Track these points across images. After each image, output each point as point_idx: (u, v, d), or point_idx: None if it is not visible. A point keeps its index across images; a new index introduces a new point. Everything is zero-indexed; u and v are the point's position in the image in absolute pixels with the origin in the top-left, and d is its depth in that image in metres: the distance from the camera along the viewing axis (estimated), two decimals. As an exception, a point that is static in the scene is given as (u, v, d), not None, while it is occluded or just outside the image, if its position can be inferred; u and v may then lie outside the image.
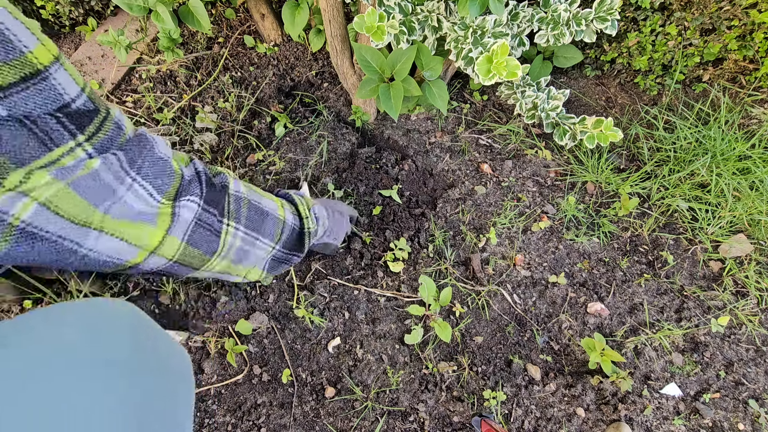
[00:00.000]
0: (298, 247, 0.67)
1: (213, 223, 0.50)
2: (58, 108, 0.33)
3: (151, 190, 0.42)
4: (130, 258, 0.42)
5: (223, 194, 0.52)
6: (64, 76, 0.34)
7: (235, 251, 0.55)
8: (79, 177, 0.35)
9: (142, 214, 0.41)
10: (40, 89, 0.32)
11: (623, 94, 1.24)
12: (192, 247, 0.48)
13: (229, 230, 0.53)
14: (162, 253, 0.44)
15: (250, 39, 1.20)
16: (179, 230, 0.45)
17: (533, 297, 0.90)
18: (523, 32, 0.97)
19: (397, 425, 0.76)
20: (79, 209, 0.35)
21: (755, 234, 0.97)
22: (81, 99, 0.36)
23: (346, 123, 1.13)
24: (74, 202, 0.35)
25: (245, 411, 0.75)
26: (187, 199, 0.46)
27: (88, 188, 0.36)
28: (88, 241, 0.37)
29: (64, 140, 0.34)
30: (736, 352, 0.86)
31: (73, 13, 1.18)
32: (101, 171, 0.37)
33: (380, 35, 0.80)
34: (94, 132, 0.36)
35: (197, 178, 0.49)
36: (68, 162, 0.34)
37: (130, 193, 0.40)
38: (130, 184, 0.40)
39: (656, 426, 0.77)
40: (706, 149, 1.04)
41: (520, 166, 1.07)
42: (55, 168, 0.33)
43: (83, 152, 0.36)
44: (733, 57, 1.10)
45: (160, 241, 0.44)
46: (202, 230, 0.49)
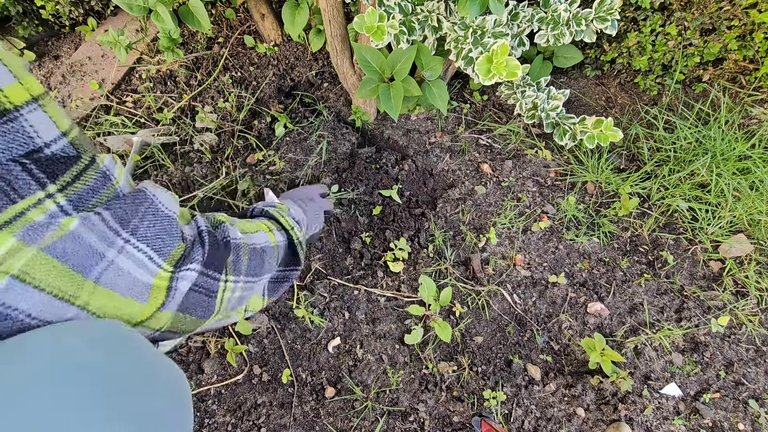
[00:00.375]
0: (294, 261, 0.64)
1: (210, 286, 0.44)
2: (26, 153, 0.29)
3: (151, 253, 0.37)
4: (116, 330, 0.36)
5: (226, 251, 0.47)
6: (41, 118, 0.30)
7: (235, 302, 0.50)
8: (54, 240, 0.29)
9: (136, 283, 0.36)
10: (4, 131, 0.28)
11: (623, 94, 1.24)
12: (185, 313, 0.42)
13: (227, 286, 0.47)
14: (148, 325, 0.38)
15: (250, 39, 1.20)
16: (172, 301, 0.39)
17: (533, 297, 0.90)
18: (523, 32, 0.97)
19: (397, 425, 0.76)
20: (64, 279, 0.30)
21: (755, 234, 0.97)
22: (59, 144, 0.31)
23: (346, 123, 1.13)
24: (56, 270, 0.30)
25: (245, 411, 0.75)
26: (188, 268, 0.40)
27: (68, 253, 0.30)
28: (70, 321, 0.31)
29: (30, 190, 0.29)
30: (736, 352, 0.86)
31: (73, 13, 1.18)
32: (81, 232, 0.31)
33: (380, 35, 0.80)
34: (69, 182, 0.31)
35: (200, 238, 0.44)
36: (36, 217, 0.29)
37: (122, 257, 0.34)
38: (122, 246, 0.34)
39: (656, 426, 0.77)
40: (706, 149, 1.04)
41: (520, 166, 1.07)
42: (20, 227, 0.28)
43: (54, 205, 0.30)
44: (733, 57, 1.10)
45: (149, 317, 0.37)
46: (198, 294, 0.43)
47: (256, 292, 0.57)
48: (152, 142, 0.99)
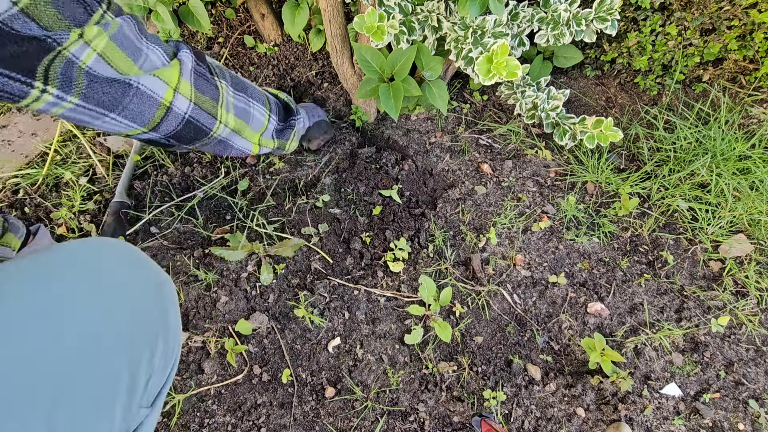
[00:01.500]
0: (291, 112, 0.85)
1: (206, 75, 0.63)
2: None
3: (160, 51, 0.56)
4: (164, 93, 0.56)
5: (204, 56, 0.65)
6: None
7: (234, 107, 0.68)
8: (115, 31, 0.48)
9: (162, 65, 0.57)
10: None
11: (623, 94, 1.24)
12: (199, 92, 0.62)
13: (221, 84, 0.66)
14: (181, 91, 0.58)
15: (250, 39, 1.20)
16: (186, 74, 0.59)
17: (533, 297, 0.90)
18: (523, 32, 0.97)
19: (397, 425, 0.76)
20: (123, 62, 0.50)
21: (755, 234, 0.97)
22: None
23: (346, 123, 1.13)
24: (119, 55, 0.49)
25: (245, 411, 0.75)
26: (183, 51, 0.60)
27: (123, 42, 0.50)
28: (137, 79, 0.53)
29: (96, 7, 0.46)
30: (736, 352, 0.86)
31: (73, 13, 1.18)
32: (125, 27, 0.50)
33: (380, 35, 0.80)
34: (109, 3, 0.48)
35: (179, 45, 0.61)
36: (103, 22, 0.47)
37: (150, 52, 0.54)
38: (147, 44, 0.54)
39: (656, 426, 0.77)
40: (706, 149, 1.04)
41: (520, 166, 1.07)
42: (97, 22, 0.47)
43: (109, 17, 0.48)
44: (733, 57, 1.10)
45: (178, 80, 0.58)
46: (201, 80, 0.62)
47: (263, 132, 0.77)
48: None
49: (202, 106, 0.62)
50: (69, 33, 0.44)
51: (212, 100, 0.64)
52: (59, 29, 0.43)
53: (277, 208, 0.96)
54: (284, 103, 0.85)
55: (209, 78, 0.64)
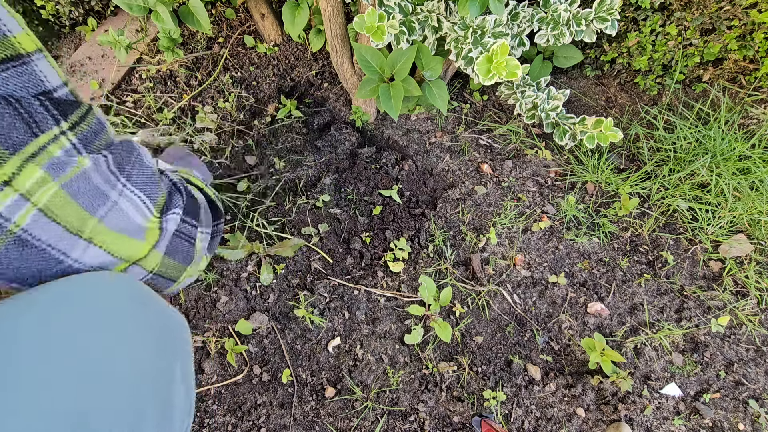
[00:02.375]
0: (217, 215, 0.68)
1: (189, 232, 0.50)
2: (40, 93, 0.33)
3: (145, 199, 0.42)
4: (112, 268, 0.42)
5: (197, 202, 0.52)
6: (46, 66, 0.34)
7: (201, 252, 0.55)
8: (71, 179, 0.34)
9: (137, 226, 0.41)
10: (20, 72, 0.32)
11: (623, 94, 1.24)
12: (169, 257, 0.48)
13: (200, 236, 0.53)
14: (144, 264, 0.44)
15: (250, 39, 1.20)
16: (163, 242, 0.45)
17: (533, 297, 0.90)
18: (523, 32, 0.97)
19: (397, 425, 0.76)
20: (74, 215, 0.35)
21: (755, 234, 0.97)
22: (62, 90, 0.35)
23: (346, 123, 1.13)
24: (70, 207, 0.35)
25: (245, 411, 0.75)
26: (172, 212, 0.46)
27: (81, 192, 0.35)
28: (75, 252, 0.37)
29: (48, 125, 0.33)
30: (736, 352, 0.86)
31: (73, 13, 1.18)
32: (90, 172, 0.36)
33: (380, 35, 0.80)
34: (77, 121, 0.35)
35: (176, 188, 0.49)
36: (55, 152, 0.33)
37: (123, 199, 0.39)
38: (121, 190, 0.39)
39: (656, 426, 0.77)
40: (706, 149, 1.04)
41: (520, 166, 1.07)
42: (45, 160, 0.32)
43: (68, 142, 0.34)
44: (733, 57, 1.10)
45: (146, 255, 0.44)
46: (179, 240, 0.49)
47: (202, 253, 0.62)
48: (152, 142, 0.99)
49: (164, 272, 0.48)
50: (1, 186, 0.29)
51: (179, 265, 0.50)
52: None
53: (277, 208, 0.96)
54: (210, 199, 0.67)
55: (191, 234, 0.50)
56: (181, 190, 0.49)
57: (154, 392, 0.36)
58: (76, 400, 0.30)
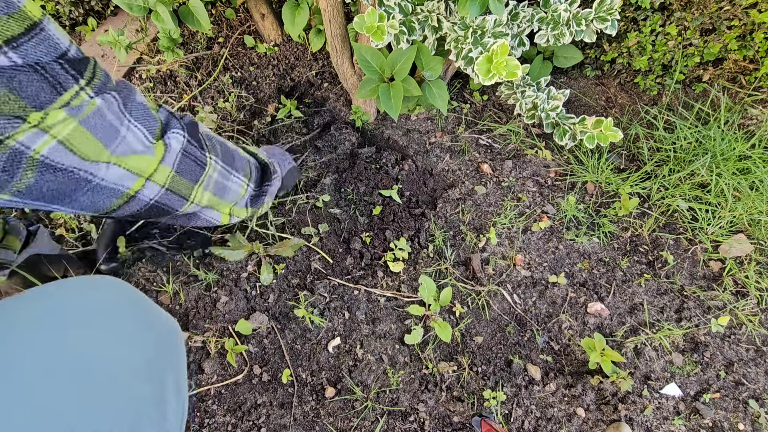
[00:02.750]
0: (266, 178, 0.76)
1: (197, 154, 0.56)
2: (59, 56, 0.36)
3: (144, 131, 0.47)
4: (132, 184, 0.48)
5: (197, 130, 0.58)
6: (56, 28, 0.37)
7: (215, 184, 0.61)
8: (87, 115, 0.39)
9: (142, 150, 0.47)
10: (41, 39, 0.34)
11: (623, 94, 1.24)
12: (179, 176, 0.54)
13: (210, 160, 0.58)
14: (155, 179, 0.50)
15: (250, 39, 1.20)
16: (170, 160, 0.51)
17: (533, 297, 0.90)
18: (523, 32, 0.97)
19: (397, 425, 0.76)
20: (91, 148, 0.40)
21: (755, 234, 0.97)
22: (73, 49, 0.38)
23: (346, 123, 1.13)
24: (88, 141, 0.39)
25: (245, 411, 0.75)
26: (173, 131, 0.51)
27: (97, 127, 0.40)
28: (99, 172, 0.43)
29: (70, 84, 0.37)
30: (736, 352, 0.86)
31: (73, 13, 1.18)
32: (104, 109, 0.41)
33: (380, 35, 0.80)
34: (91, 77, 0.39)
35: (173, 116, 0.54)
36: (76, 104, 0.38)
37: (129, 133, 0.45)
38: (128, 125, 0.44)
39: (656, 426, 0.77)
40: (706, 149, 1.04)
41: (520, 166, 1.07)
42: (67, 108, 0.37)
43: (86, 95, 0.39)
44: (733, 57, 1.10)
45: (155, 168, 0.49)
46: (188, 160, 0.54)
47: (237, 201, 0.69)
48: None
49: (176, 189, 0.54)
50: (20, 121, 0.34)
51: (191, 182, 0.56)
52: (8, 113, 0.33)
53: (277, 208, 0.96)
54: (262, 164, 0.77)
55: (198, 156, 0.56)
56: (177, 118, 0.54)
57: (151, 392, 0.37)
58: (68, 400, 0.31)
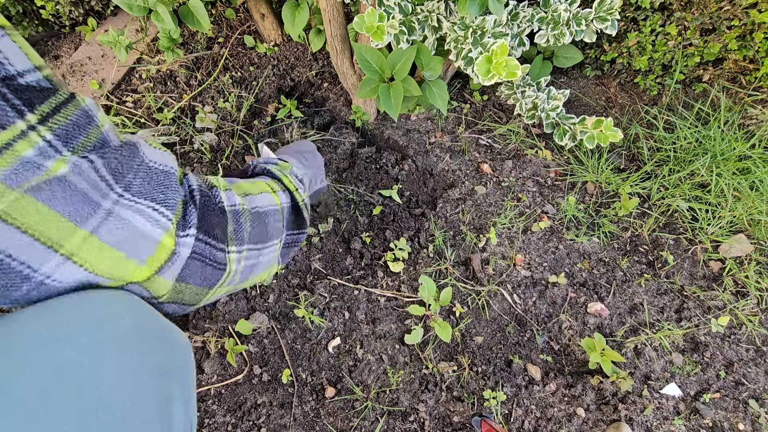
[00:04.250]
0: (300, 223, 0.61)
1: (213, 255, 0.41)
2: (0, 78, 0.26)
3: (155, 205, 0.34)
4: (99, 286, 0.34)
5: (222, 217, 0.44)
6: (10, 45, 0.27)
7: (242, 273, 0.48)
8: (40, 183, 0.27)
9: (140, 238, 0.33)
10: None
11: (623, 94, 1.24)
12: (184, 282, 0.39)
13: (231, 257, 0.44)
14: (149, 287, 0.36)
15: (250, 39, 1.20)
16: (172, 268, 0.37)
17: (533, 297, 0.90)
18: (523, 32, 0.97)
19: (397, 425, 0.76)
20: (50, 225, 0.28)
21: (755, 234, 0.97)
22: (32, 76, 0.28)
23: (346, 123, 1.13)
24: (41, 214, 0.27)
25: (245, 411, 0.75)
26: (186, 234, 0.38)
27: (57, 198, 0.28)
28: (45, 266, 0.29)
29: (9, 119, 0.25)
30: (736, 352, 0.86)
31: (73, 13, 1.18)
32: (71, 178, 0.28)
33: (380, 35, 0.80)
34: (49, 113, 0.28)
35: (191, 199, 0.40)
36: (24, 151, 0.26)
37: (121, 208, 0.32)
38: (116, 199, 0.32)
39: (656, 426, 0.77)
40: (706, 149, 1.04)
41: (520, 166, 1.07)
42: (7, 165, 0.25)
43: (40, 139, 0.27)
44: (733, 57, 1.10)
45: (145, 279, 0.35)
46: (198, 263, 0.40)
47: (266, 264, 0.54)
48: (152, 142, 0.99)
49: (177, 299, 0.41)
50: None
51: (199, 288, 0.42)
52: None
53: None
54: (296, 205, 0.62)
55: (214, 258, 0.42)
56: (196, 201, 0.41)
57: (158, 416, 0.31)
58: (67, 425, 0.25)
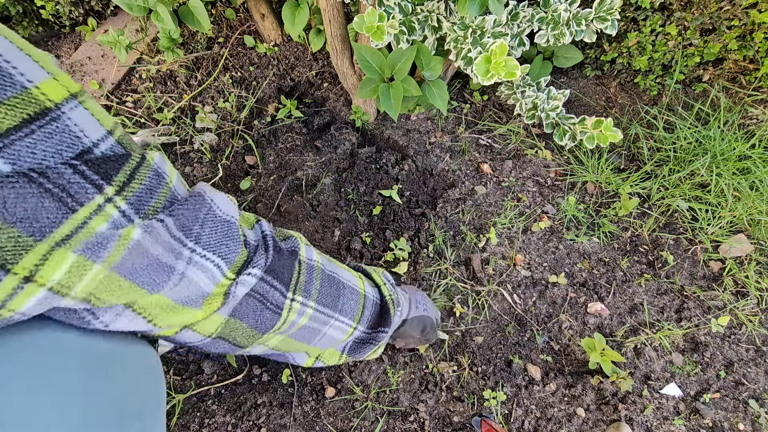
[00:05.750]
0: (384, 322, 0.58)
1: (271, 296, 0.41)
2: (77, 155, 0.26)
3: (218, 260, 0.34)
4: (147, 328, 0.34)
5: (292, 261, 0.44)
6: (83, 116, 0.27)
7: (299, 329, 0.47)
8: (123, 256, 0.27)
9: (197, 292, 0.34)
10: (48, 132, 0.24)
11: (623, 94, 1.24)
12: (236, 319, 0.39)
13: (293, 306, 0.44)
14: (199, 329, 0.37)
15: (250, 39, 1.20)
16: (228, 306, 0.37)
17: (533, 297, 0.90)
18: (523, 32, 0.97)
19: (397, 425, 0.76)
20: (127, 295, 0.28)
21: (755, 234, 0.97)
22: (107, 142, 0.28)
23: (346, 123, 1.13)
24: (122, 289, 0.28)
25: (245, 411, 0.75)
26: (248, 272, 0.37)
27: (137, 269, 0.28)
28: (106, 316, 0.30)
29: (89, 196, 0.25)
30: (736, 352, 0.86)
31: (73, 13, 1.18)
32: (145, 243, 0.28)
33: (380, 35, 0.80)
34: (125, 182, 0.27)
35: (263, 242, 0.41)
36: (99, 226, 0.25)
37: (192, 268, 0.32)
38: (189, 257, 0.32)
39: (656, 426, 0.77)
40: (706, 149, 1.04)
41: (520, 166, 1.07)
42: (82, 240, 0.25)
43: (115, 210, 0.27)
44: (733, 57, 1.10)
45: (200, 320, 0.36)
46: (253, 301, 0.40)
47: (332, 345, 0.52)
48: (152, 142, 0.99)
49: (229, 337, 0.40)
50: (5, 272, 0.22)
51: (252, 330, 0.41)
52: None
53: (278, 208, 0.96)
54: (384, 301, 0.59)
55: (272, 298, 0.41)
56: (269, 245, 0.41)
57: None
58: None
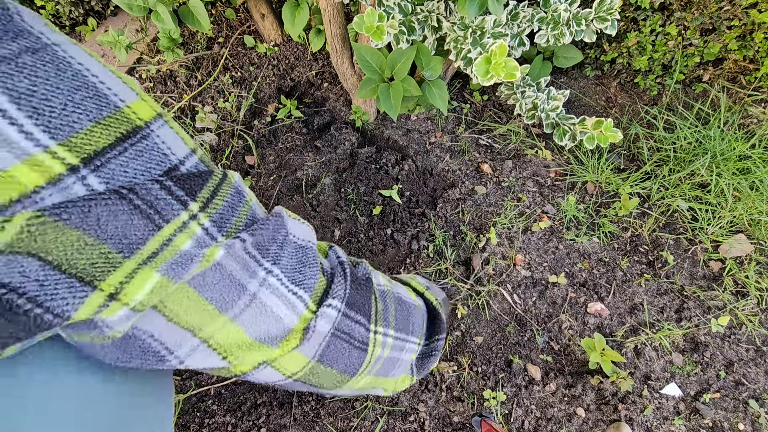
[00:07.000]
0: (436, 329, 0.57)
1: (357, 333, 0.38)
2: (165, 172, 0.26)
3: (297, 290, 0.32)
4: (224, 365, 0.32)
5: (368, 290, 0.41)
6: (170, 133, 0.27)
7: (383, 363, 0.44)
8: (199, 273, 0.27)
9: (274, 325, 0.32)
10: (140, 150, 0.25)
11: (623, 94, 1.24)
12: (324, 365, 0.36)
13: (377, 339, 0.41)
14: (278, 366, 0.34)
15: (250, 39, 1.20)
16: (311, 347, 0.34)
17: (533, 297, 0.90)
18: (523, 32, 0.97)
19: (397, 425, 0.76)
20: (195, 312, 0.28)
21: (755, 234, 0.97)
22: (191, 161, 0.28)
23: (346, 123, 1.13)
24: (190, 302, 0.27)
25: (245, 411, 0.75)
26: (329, 304, 0.35)
27: (208, 284, 0.28)
28: (181, 350, 0.29)
29: (174, 212, 0.25)
30: (736, 352, 0.86)
31: (73, 13, 1.18)
32: (224, 262, 0.28)
33: (380, 35, 0.80)
34: (208, 198, 0.27)
35: (341, 270, 0.38)
36: (183, 244, 0.25)
37: (265, 290, 0.31)
38: (264, 278, 0.30)
39: (656, 426, 0.77)
40: (706, 149, 1.04)
41: (520, 166, 1.07)
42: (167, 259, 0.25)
43: (199, 228, 0.26)
44: (733, 57, 1.10)
45: (287, 352, 0.33)
46: (340, 344, 0.37)
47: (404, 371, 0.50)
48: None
49: (311, 380, 0.37)
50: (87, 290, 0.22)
51: (340, 374, 0.39)
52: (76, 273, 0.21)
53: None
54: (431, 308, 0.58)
55: (358, 336, 0.38)
56: (346, 272, 0.38)
57: None
58: None
